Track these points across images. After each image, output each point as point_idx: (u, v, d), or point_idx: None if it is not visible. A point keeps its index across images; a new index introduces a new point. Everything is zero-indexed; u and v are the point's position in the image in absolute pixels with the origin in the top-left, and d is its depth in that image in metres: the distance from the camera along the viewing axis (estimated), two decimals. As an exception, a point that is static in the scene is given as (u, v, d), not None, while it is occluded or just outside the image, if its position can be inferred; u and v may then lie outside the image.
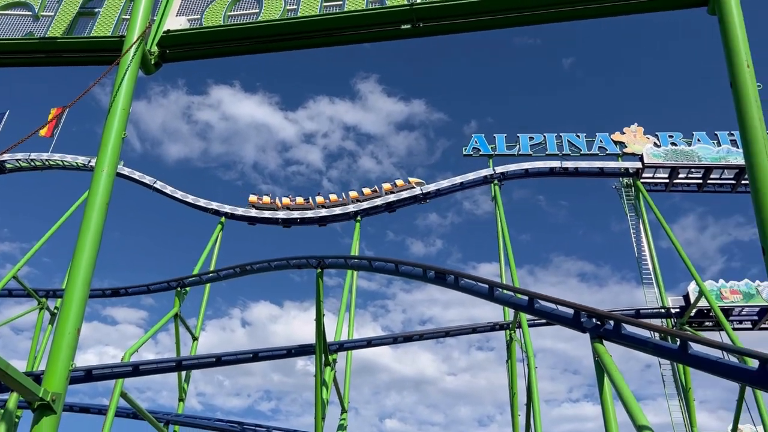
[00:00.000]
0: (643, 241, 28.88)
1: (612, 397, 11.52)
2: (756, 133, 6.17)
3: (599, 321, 12.64)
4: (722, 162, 29.18)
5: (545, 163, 30.17)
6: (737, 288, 25.86)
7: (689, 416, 24.43)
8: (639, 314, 25.74)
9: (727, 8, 6.45)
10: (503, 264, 26.85)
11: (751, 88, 6.31)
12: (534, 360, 20.96)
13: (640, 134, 30.83)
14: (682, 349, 11.31)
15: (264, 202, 32.32)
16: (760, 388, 11.20)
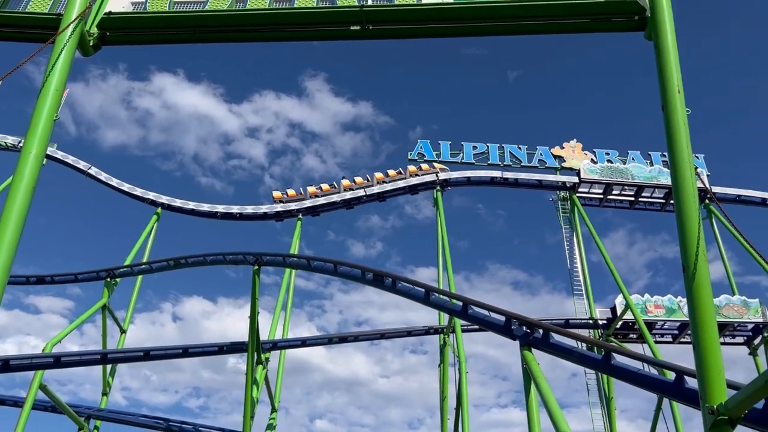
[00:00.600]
0: (576, 254, 29.81)
1: (538, 403, 11.82)
2: (683, 156, 6.47)
3: (529, 329, 12.97)
4: (653, 181, 30.46)
5: (487, 173, 30.73)
6: (661, 303, 27.00)
7: (610, 424, 25.35)
8: (568, 324, 26.55)
9: (662, 35, 6.73)
10: (441, 269, 27.19)
11: (680, 113, 6.61)
12: (465, 365, 21.30)
13: (579, 150, 31.83)
14: (606, 359, 11.73)
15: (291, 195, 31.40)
16: (676, 400, 11.74)
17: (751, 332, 28.06)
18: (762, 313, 27.33)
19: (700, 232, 6.18)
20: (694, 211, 6.27)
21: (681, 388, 10.50)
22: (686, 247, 6.15)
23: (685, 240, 6.17)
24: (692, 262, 6.05)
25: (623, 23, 7.29)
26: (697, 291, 5.99)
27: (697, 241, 6.10)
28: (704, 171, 31.10)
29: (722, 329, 27.25)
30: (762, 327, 27.37)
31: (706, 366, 5.65)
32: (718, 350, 5.74)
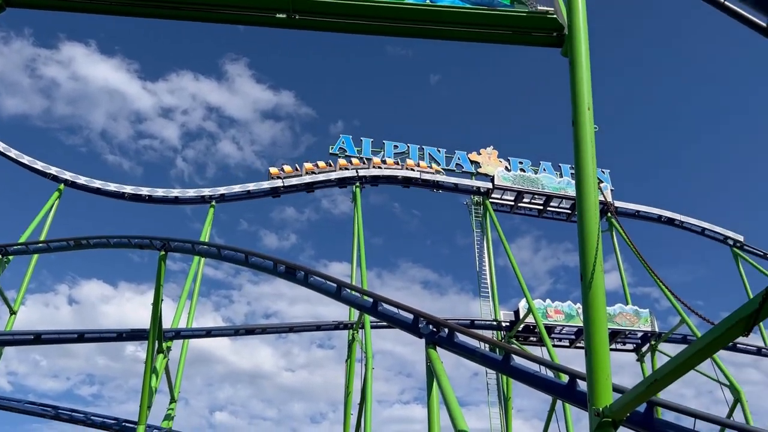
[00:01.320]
0: (485, 257, 30.72)
1: (439, 401, 12.09)
2: (588, 171, 6.80)
3: (435, 328, 13.24)
4: (561, 192, 31.88)
5: (407, 173, 31.09)
6: (561, 308, 28.31)
7: (506, 423, 26.33)
8: (473, 325, 27.32)
9: (577, 53, 7.05)
10: (355, 265, 27.28)
11: (589, 129, 6.94)
12: (372, 361, 21.48)
13: (494, 157, 32.82)
14: (506, 361, 12.16)
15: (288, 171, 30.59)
16: (568, 402, 12.32)
17: (640, 340, 29.95)
18: (651, 322, 29.23)
19: (599, 243, 6.51)
20: (595, 224, 6.60)
21: (573, 390, 11.04)
22: (585, 256, 6.46)
23: (584, 250, 6.49)
24: (590, 271, 6.36)
25: (542, 38, 7.56)
26: (592, 299, 6.31)
27: (595, 252, 6.43)
28: (608, 186, 32.87)
29: (614, 336, 28.93)
30: (650, 336, 29.28)
31: (595, 370, 5.96)
32: (607, 356, 6.07)
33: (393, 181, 31.10)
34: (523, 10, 7.51)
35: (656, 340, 29.53)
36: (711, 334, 4.59)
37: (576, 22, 7.15)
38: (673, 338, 29.56)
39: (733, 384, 24.51)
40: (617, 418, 5.68)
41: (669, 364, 5.23)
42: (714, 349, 4.78)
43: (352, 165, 30.63)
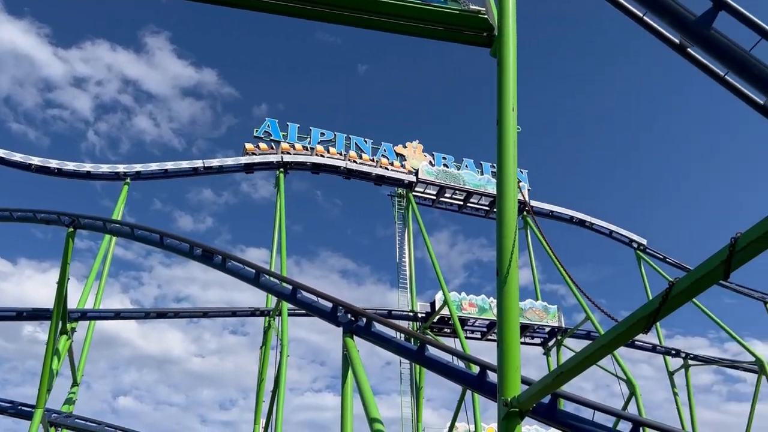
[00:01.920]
0: (406, 249, 31.13)
1: (353, 389, 12.18)
2: (509, 170, 7.01)
3: (354, 317, 13.32)
4: (482, 189, 32.74)
5: (332, 161, 30.94)
6: (475, 302, 29.12)
7: (417, 412, 26.87)
8: (391, 315, 27.67)
9: (505, 55, 7.23)
10: (275, 251, 26.96)
11: (512, 130, 7.15)
12: (287, 348, 21.36)
13: (419, 151, 33.24)
14: (421, 351, 12.40)
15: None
16: (478, 392, 12.71)
17: (547, 335, 31.30)
18: (559, 318, 30.59)
19: (515, 240, 6.74)
20: (513, 222, 6.83)
21: (483, 381, 11.41)
22: (502, 253, 6.68)
23: (501, 247, 6.70)
24: (506, 267, 6.58)
25: (473, 37, 7.71)
26: (506, 294, 6.53)
27: (512, 249, 6.65)
28: (526, 185, 34.03)
29: (524, 330, 30.08)
30: (557, 331, 30.65)
31: (506, 362, 6.18)
32: (518, 349, 6.31)
33: (318, 169, 30.88)
34: (456, 7, 7.62)
35: (562, 335, 30.92)
36: (614, 331, 4.86)
37: (506, 25, 7.33)
38: (577, 334, 31.06)
39: (630, 379, 26.04)
40: (524, 409, 5.93)
41: (574, 358, 5.50)
42: (616, 345, 5.07)
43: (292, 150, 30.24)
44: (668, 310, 4.31)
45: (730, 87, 9.64)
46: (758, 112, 9.53)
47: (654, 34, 9.95)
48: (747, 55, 8.70)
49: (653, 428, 10.88)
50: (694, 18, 8.88)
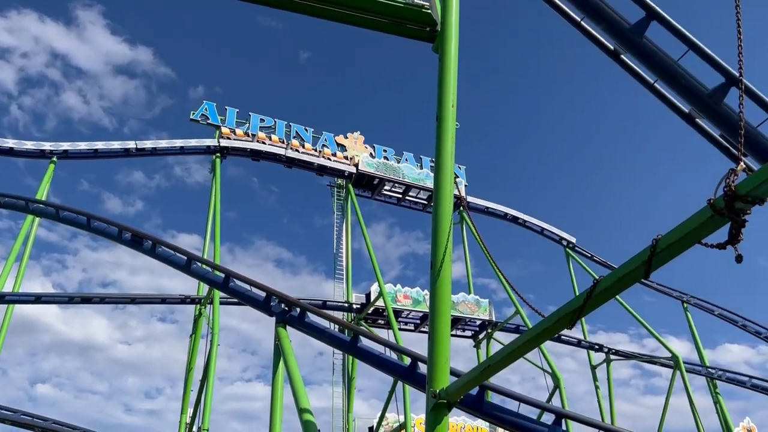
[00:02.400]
0: (343, 240, 31.10)
1: (284, 379, 12.09)
2: (446, 165, 7.08)
3: (287, 307, 13.20)
4: (420, 183, 33.04)
5: (271, 148, 30.47)
6: (409, 294, 29.43)
7: (348, 402, 26.98)
8: (326, 305, 27.62)
9: (447, 51, 7.29)
10: (208, 238, 26.39)
11: (450, 126, 7.23)
12: (218, 337, 20.99)
13: (360, 142, 33.21)
14: (354, 342, 12.42)
15: (239, 135, 29.63)
16: (408, 383, 12.85)
17: (478, 328, 31.98)
18: (490, 312, 31.31)
19: (450, 234, 6.83)
20: (448, 216, 6.91)
21: (414, 372, 11.54)
22: (436, 246, 6.75)
23: (436, 240, 6.77)
24: (439, 260, 6.66)
25: (416, 31, 7.74)
26: (439, 287, 6.61)
27: (446, 243, 6.74)
28: (463, 181, 34.59)
29: (455, 323, 30.65)
30: (488, 324, 31.36)
31: (436, 354, 6.27)
32: (448, 341, 6.41)
33: (259, 156, 30.37)
34: (400, 0, 7.63)
35: (492, 329, 31.67)
36: (540, 325, 5.00)
37: (448, 21, 7.39)
38: (507, 327, 31.87)
39: (555, 372, 26.95)
40: (452, 400, 6.03)
41: (501, 351, 5.63)
42: (542, 339, 5.21)
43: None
44: (592, 306, 4.46)
45: (659, 95, 10.07)
46: (683, 120, 10.00)
47: (590, 39, 10.26)
48: (675, 65, 9.11)
49: (574, 420, 11.31)
50: (628, 26, 9.22)
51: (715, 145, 9.83)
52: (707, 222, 3.34)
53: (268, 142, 30.46)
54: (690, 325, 36.03)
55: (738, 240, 3.26)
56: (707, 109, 9.10)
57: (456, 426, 26.36)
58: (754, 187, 3.12)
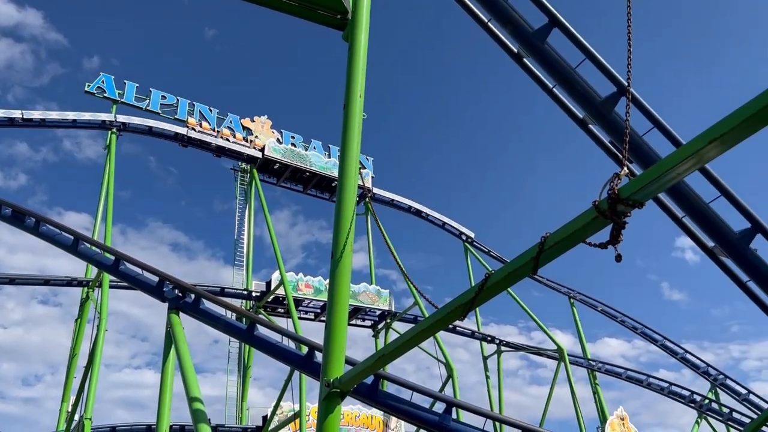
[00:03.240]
0: (246, 226, 30.44)
1: (174, 367, 11.69)
2: (351, 155, 7.07)
3: (181, 293, 12.76)
4: (327, 172, 32.86)
5: (172, 127, 29.24)
6: (311, 283, 29.25)
7: (243, 391, 26.54)
8: (224, 293, 26.93)
9: (357, 40, 7.26)
10: (100, 218, 24.99)
11: (357, 115, 7.21)
12: (106, 322, 19.99)
13: (268, 127, 32.56)
14: (250, 330, 12.22)
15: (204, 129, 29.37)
16: (305, 372, 12.81)
17: (378, 318, 32.37)
18: (390, 302, 31.75)
19: (352, 225, 6.84)
20: (351, 205, 6.91)
21: (310, 361, 11.53)
22: (338, 236, 6.74)
23: (338, 230, 6.76)
24: (340, 250, 6.65)
25: (326, 18, 7.65)
26: (338, 276, 6.61)
27: (348, 233, 6.73)
28: (370, 172, 34.78)
29: (356, 312, 30.88)
30: (387, 314, 31.80)
31: (331, 343, 6.26)
32: (344, 331, 6.42)
33: (157, 134, 29.05)
34: (312, -15, 7.52)
35: (391, 319, 32.16)
36: (434, 316, 5.12)
37: (359, 9, 7.35)
38: (406, 318, 32.49)
39: (449, 362, 27.78)
40: (345, 389, 6.05)
41: (396, 341, 5.71)
42: (435, 330, 5.34)
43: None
44: (484, 299, 4.61)
45: (557, 99, 10.55)
46: (577, 125, 10.54)
47: (496, 41, 10.58)
48: (573, 72, 9.57)
49: (464, 409, 11.70)
50: (531, 30, 9.58)
51: (605, 150, 10.44)
52: (591, 222, 3.53)
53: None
54: (575, 320, 38.25)
55: (618, 240, 3.47)
56: (599, 116, 9.64)
57: (351, 414, 26.58)
58: (635, 191, 3.33)
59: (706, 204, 9.66)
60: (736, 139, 2.85)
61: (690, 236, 10.24)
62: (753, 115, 2.70)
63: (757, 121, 2.73)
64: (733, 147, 2.95)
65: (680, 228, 10.25)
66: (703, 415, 33.04)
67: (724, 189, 9.62)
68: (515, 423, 11.83)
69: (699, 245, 10.23)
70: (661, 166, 3.22)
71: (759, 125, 2.76)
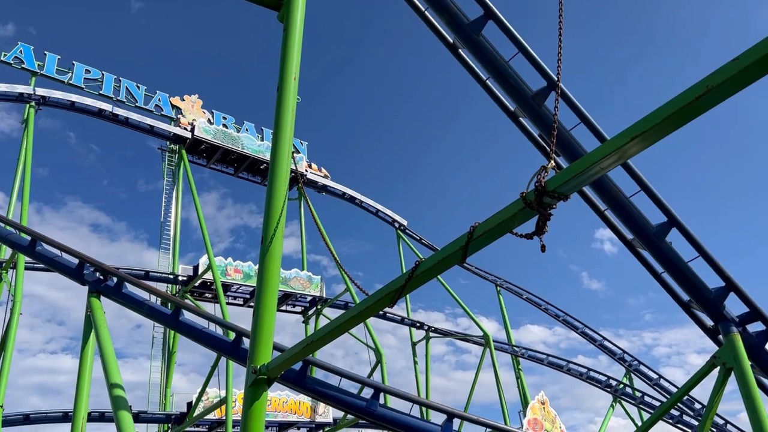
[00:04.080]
0: (172, 208, 29.53)
1: (94, 352, 11.26)
2: (284, 139, 6.96)
3: (103, 276, 12.28)
4: (260, 155, 32.27)
5: (96, 103, 27.91)
6: (240, 268, 28.77)
7: (167, 377, 25.88)
8: (148, 276, 26.08)
9: (292, 21, 7.13)
10: (15, 196, 23.62)
11: (291, 99, 7.10)
12: (20, 306, 19.02)
13: (198, 106, 31.63)
14: (175, 315, 11.90)
15: None
16: (232, 359, 12.59)
17: (309, 303, 32.23)
18: (321, 288, 31.65)
19: (283, 209, 6.74)
20: (283, 190, 6.81)
21: (238, 348, 11.35)
22: (269, 220, 6.63)
23: (269, 214, 6.65)
24: (270, 235, 6.55)
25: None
26: (268, 261, 6.51)
27: (279, 218, 6.64)
28: (304, 157, 34.42)
29: (287, 298, 30.63)
30: (318, 300, 31.71)
31: (259, 330, 6.18)
32: (273, 317, 6.35)
33: (81, 110, 27.63)
34: (247, -38, 7.31)
35: (322, 305, 32.10)
36: (364, 303, 5.12)
37: (296, -9, 7.22)
38: (337, 304, 32.50)
39: (378, 347, 28.02)
40: (272, 376, 5.99)
41: (325, 327, 5.70)
42: (365, 316, 5.34)
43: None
44: (413, 286, 4.66)
45: (489, 91, 10.74)
46: (508, 117, 10.77)
47: (432, 30, 10.64)
48: (506, 65, 9.75)
49: (391, 394, 11.85)
50: (467, 21, 9.69)
51: (534, 143, 10.73)
52: (519, 213, 3.61)
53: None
54: (501, 307, 39.36)
55: (543, 231, 3.57)
56: (529, 110, 9.88)
57: (278, 400, 26.41)
58: (560, 184, 3.42)
59: (627, 198, 10.09)
60: (656, 136, 2.97)
61: (611, 228, 10.68)
62: (673, 114, 2.82)
63: (677, 119, 2.86)
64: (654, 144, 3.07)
65: (602, 220, 10.68)
66: (617, 398, 34.81)
67: (644, 184, 10.08)
68: (441, 407, 12.07)
69: (619, 237, 10.69)
70: (586, 160, 3.32)
71: (678, 124, 2.89)
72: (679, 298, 10.82)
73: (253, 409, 5.83)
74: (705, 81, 2.70)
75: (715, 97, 2.70)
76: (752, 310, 10.28)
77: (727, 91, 2.67)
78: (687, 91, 2.78)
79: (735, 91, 2.67)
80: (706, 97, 2.70)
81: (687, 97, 2.77)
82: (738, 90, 2.65)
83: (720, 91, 2.67)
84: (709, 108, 2.77)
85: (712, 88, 2.66)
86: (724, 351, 9.52)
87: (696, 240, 10.21)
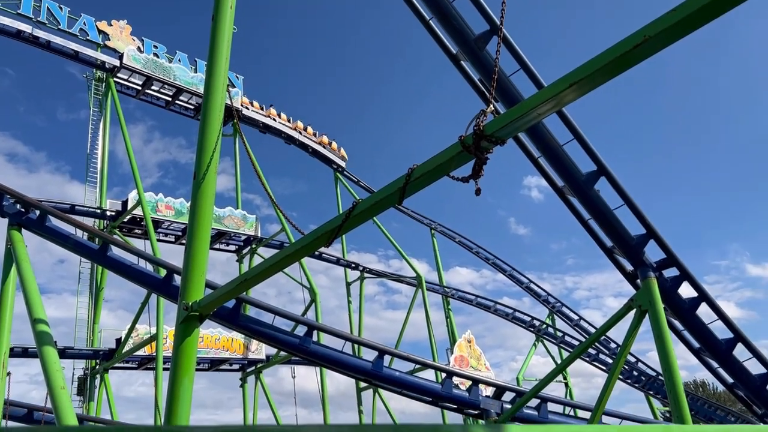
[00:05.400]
0: (99, 140, 28.22)
1: (15, 288, 10.86)
2: (219, 70, 6.69)
3: (24, 208, 11.72)
4: (193, 88, 30.95)
5: (15, 23, 25.86)
6: (172, 204, 28.04)
7: (95, 314, 25.33)
8: (74, 210, 25.07)
9: (230, -55, 6.75)
10: None
11: (227, 28, 6.81)
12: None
13: (127, 33, 29.86)
14: (102, 251, 11.56)
15: None
16: (162, 295, 12.41)
17: (243, 242, 31.93)
18: (256, 228, 31.33)
19: (217, 145, 6.55)
20: (217, 125, 6.60)
21: (169, 284, 11.18)
22: (201, 156, 6.44)
23: (201, 149, 6.45)
24: (203, 171, 6.38)
25: None
26: (201, 198, 6.36)
27: (212, 152, 6.45)
28: (240, 92, 33.28)
29: (220, 237, 30.21)
30: (253, 240, 31.43)
31: (191, 267, 6.08)
32: (205, 254, 6.25)
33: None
34: None
35: (257, 244, 31.87)
36: (299, 242, 5.11)
37: None
38: (272, 244, 32.33)
39: (312, 287, 28.25)
40: (204, 313, 5.95)
41: (259, 266, 5.67)
42: (301, 255, 5.34)
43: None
44: (350, 226, 4.66)
45: (432, 32, 10.59)
46: (450, 60, 10.70)
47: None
48: (449, 5, 9.62)
49: (324, 331, 12.03)
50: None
51: (474, 88, 10.75)
52: (456, 156, 3.63)
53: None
54: (435, 250, 40.21)
55: (479, 175, 3.61)
56: (471, 53, 9.86)
57: (211, 337, 26.41)
58: (498, 128, 3.45)
59: (561, 146, 10.34)
60: (593, 84, 3.01)
61: (543, 175, 10.96)
62: (610, 62, 2.86)
63: (614, 68, 2.90)
64: (590, 92, 3.12)
65: (535, 167, 10.93)
66: (540, 338, 36.66)
67: (577, 133, 10.33)
68: (372, 344, 12.37)
69: (550, 184, 11.00)
70: (523, 106, 3.35)
71: (615, 72, 2.93)
72: (602, 243, 11.32)
73: (184, 345, 5.80)
74: (643, 31, 2.74)
75: (652, 46, 2.75)
76: (669, 257, 10.90)
77: (664, 40, 2.72)
78: (625, 40, 2.81)
79: (671, 41, 2.72)
80: (643, 47, 2.74)
81: (625, 45, 2.80)
82: (675, 40, 2.70)
83: (657, 41, 2.72)
84: (646, 57, 2.82)
85: (649, 38, 2.71)
86: (641, 294, 10.09)
87: (622, 188, 10.62)
